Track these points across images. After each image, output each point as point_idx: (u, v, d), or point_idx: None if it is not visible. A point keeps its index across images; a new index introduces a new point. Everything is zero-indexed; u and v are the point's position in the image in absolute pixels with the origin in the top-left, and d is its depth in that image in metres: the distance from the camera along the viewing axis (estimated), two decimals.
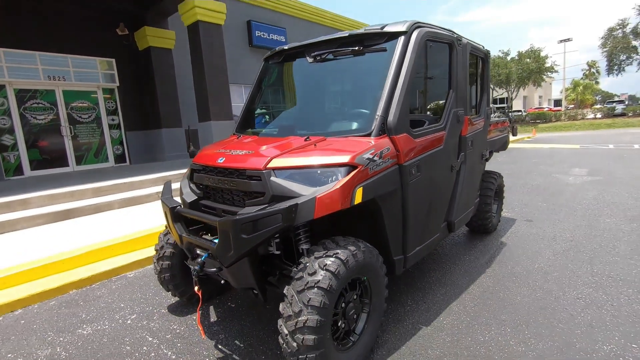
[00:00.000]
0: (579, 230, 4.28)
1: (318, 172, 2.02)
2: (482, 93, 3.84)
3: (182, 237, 2.27)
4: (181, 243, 2.35)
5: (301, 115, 3.14)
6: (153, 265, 2.86)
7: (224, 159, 2.30)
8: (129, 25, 9.94)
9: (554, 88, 59.50)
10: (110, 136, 10.24)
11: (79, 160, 9.66)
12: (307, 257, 1.94)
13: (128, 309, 2.98)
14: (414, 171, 2.39)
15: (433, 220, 2.79)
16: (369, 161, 2.06)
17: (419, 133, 2.49)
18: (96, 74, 9.90)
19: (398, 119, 2.25)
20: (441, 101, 3.00)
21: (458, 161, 3.04)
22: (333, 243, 2.00)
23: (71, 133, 9.44)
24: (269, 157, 2.13)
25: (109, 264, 3.74)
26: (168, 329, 2.63)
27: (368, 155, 2.07)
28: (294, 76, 3.33)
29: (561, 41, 37.76)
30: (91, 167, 9.81)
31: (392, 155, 2.23)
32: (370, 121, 2.30)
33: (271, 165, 2.09)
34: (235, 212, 2.02)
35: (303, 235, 2.10)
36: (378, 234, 2.34)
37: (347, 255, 1.91)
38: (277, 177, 2.04)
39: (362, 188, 2.02)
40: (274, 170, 2.07)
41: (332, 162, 2.03)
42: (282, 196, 1.97)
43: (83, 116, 9.73)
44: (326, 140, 2.29)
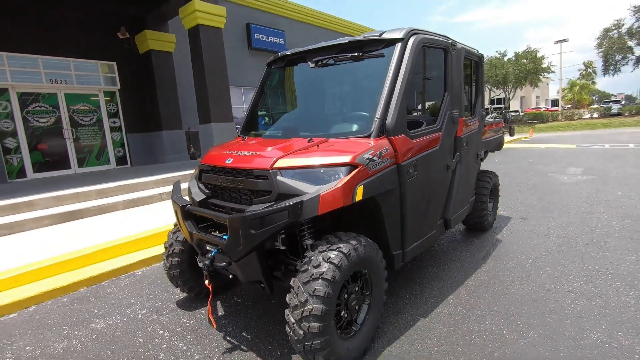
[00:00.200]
0: (572, 227, 4.42)
1: (321, 172, 2.15)
2: (477, 95, 3.98)
3: (193, 234, 2.40)
4: (191, 240, 2.48)
5: (304, 117, 3.27)
6: (163, 262, 2.98)
7: (232, 160, 2.43)
8: (130, 28, 10.07)
9: (551, 88, 59.79)
10: (111, 138, 10.35)
11: (81, 162, 9.78)
12: (312, 251, 2.06)
13: (138, 305, 3.09)
14: (411, 170, 2.52)
15: (430, 217, 2.92)
16: (369, 161, 2.18)
17: (416, 134, 2.62)
18: (97, 77, 10.02)
19: (396, 121, 2.38)
20: (437, 103, 3.13)
21: (453, 161, 3.17)
22: (336, 238, 2.13)
23: (73, 136, 9.55)
24: (275, 158, 2.25)
25: (117, 263, 3.86)
26: (178, 323, 2.75)
27: (368, 155, 2.20)
28: (296, 80, 3.46)
29: (557, 42, 38.07)
30: (93, 170, 9.92)
31: (391, 155, 2.36)
32: (369, 123, 2.43)
33: (277, 165, 2.21)
34: (243, 210, 2.14)
35: (307, 231, 2.22)
36: (377, 230, 2.47)
37: (349, 248, 2.04)
38: (283, 177, 2.17)
39: (363, 186, 2.14)
40: (280, 170, 2.20)
41: (334, 162, 2.15)
42: (288, 194, 2.09)
43: (85, 119, 9.84)
44: (328, 141, 2.42)
